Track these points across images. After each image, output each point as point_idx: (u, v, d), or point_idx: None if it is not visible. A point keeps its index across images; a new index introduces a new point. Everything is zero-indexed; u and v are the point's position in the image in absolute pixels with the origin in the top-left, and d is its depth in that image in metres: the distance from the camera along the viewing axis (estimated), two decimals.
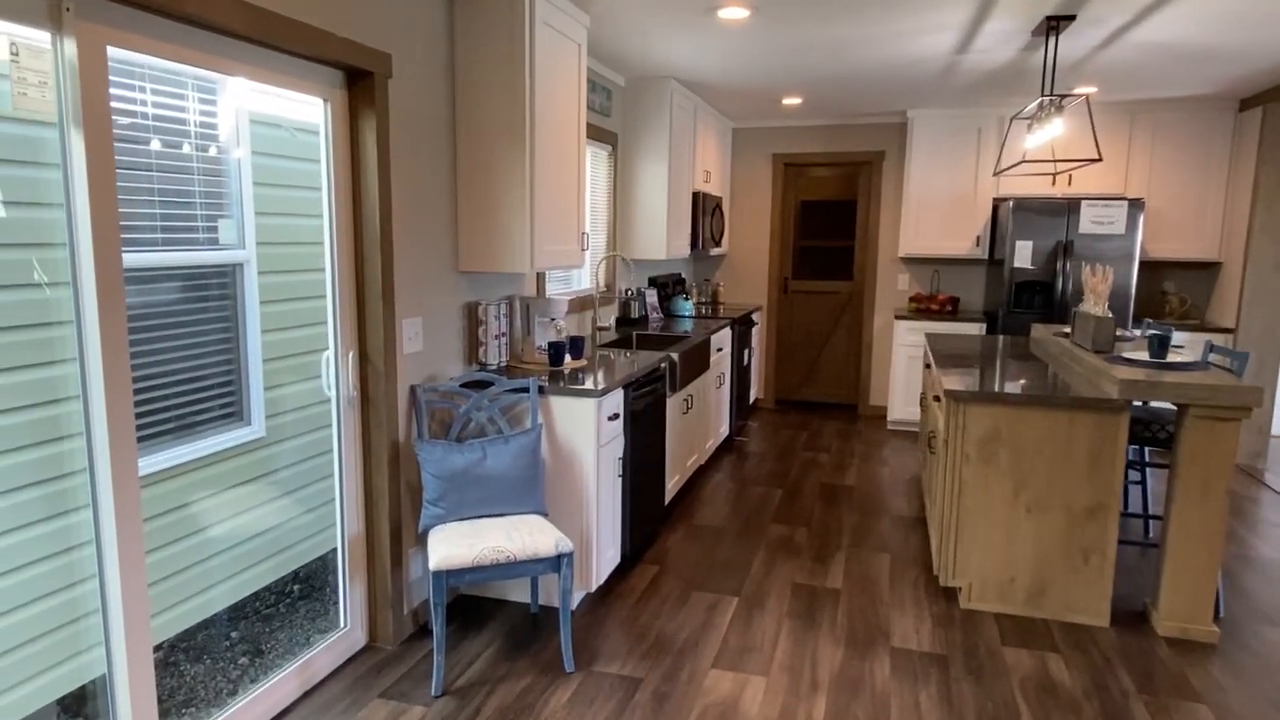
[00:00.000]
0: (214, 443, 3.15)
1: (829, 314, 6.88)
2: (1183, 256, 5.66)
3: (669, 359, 3.90)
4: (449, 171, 3.08)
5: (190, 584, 3.03)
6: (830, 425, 6.36)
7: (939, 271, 6.47)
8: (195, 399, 3.04)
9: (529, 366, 3.44)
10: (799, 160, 6.68)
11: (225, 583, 3.21)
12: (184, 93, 3.03)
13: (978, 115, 5.91)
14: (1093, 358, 3.41)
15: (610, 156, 4.91)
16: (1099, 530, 3.05)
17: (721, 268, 7.00)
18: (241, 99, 3.16)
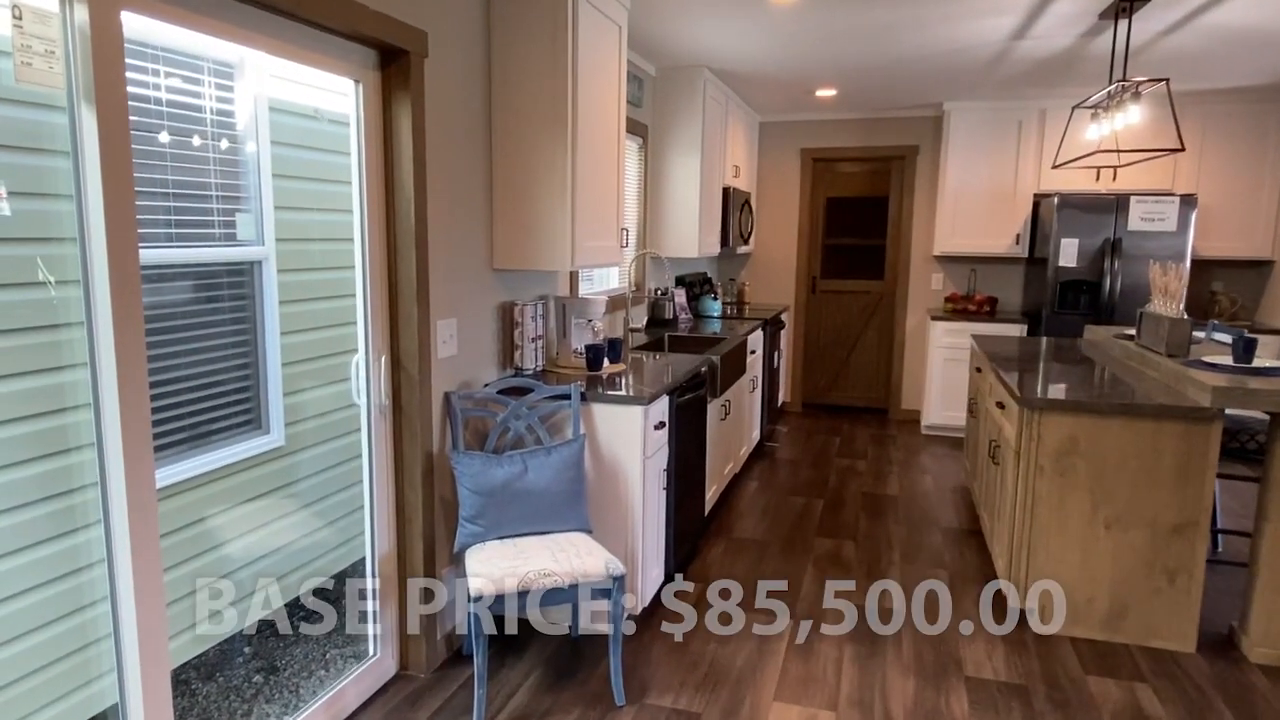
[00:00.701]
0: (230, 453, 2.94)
1: (859, 314, 6.65)
2: (1233, 255, 5.42)
3: (710, 362, 3.68)
4: (484, 162, 2.87)
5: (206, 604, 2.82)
6: (862, 430, 6.13)
7: (975, 270, 6.24)
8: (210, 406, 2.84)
9: (566, 371, 3.22)
10: (829, 155, 6.46)
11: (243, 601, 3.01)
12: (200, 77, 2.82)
13: (1018, 108, 5.68)
14: (1169, 362, 3.18)
15: (641, 149, 4.69)
16: (1186, 549, 2.82)
17: (747, 266, 6.78)
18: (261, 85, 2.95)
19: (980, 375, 4.18)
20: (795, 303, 6.69)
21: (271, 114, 3.02)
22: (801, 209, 6.57)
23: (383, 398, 2.49)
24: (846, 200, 6.61)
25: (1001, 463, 3.27)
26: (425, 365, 2.54)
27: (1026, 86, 5.20)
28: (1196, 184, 5.41)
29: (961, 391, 5.80)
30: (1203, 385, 2.76)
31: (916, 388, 6.50)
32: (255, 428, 3.08)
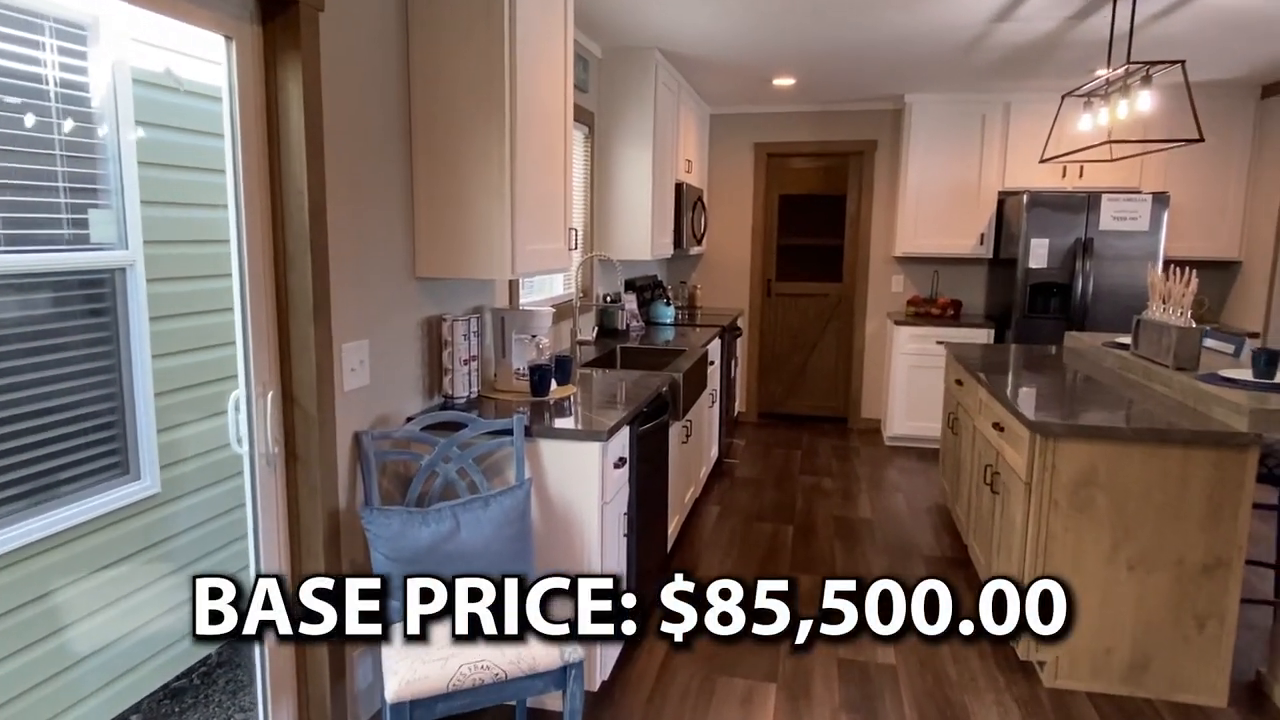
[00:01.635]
0: (88, 506, 2.36)
1: (816, 319, 6.30)
2: (1201, 256, 5.24)
3: (672, 381, 3.23)
4: (403, 147, 2.35)
5: (52, 700, 2.24)
6: (823, 442, 5.77)
7: (938, 272, 5.95)
8: (60, 449, 2.26)
9: (506, 396, 2.73)
10: (783, 150, 6.08)
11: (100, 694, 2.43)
12: (40, 39, 2.24)
13: (982, 101, 5.39)
14: (1182, 378, 2.86)
15: (587, 139, 4.21)
16: (1218, 591, 2.49)
17: (698, 268, 6.36)
18: (121, 52, 2.37)
19: (961, 388, 3.84)
20: (750, 307, 6.30)
21: (137, 88, 2.44)
22: (755, 207, 6.18)
23: (270, 444, 1.96)
24: (802, 198, 6.25)
25: (1004, 493, 2.91)
26: (327, 400, 2.02)
27: (993, 78, 4.91)
28: (1164, 182, 5.21)
29: (928, 401, 5.49)
30: (1236, 407, 2.43)
31: (877, 396, 6.18)
32: (121, 472, 2.50)
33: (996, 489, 3.00)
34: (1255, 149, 5.07)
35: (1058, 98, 5.25)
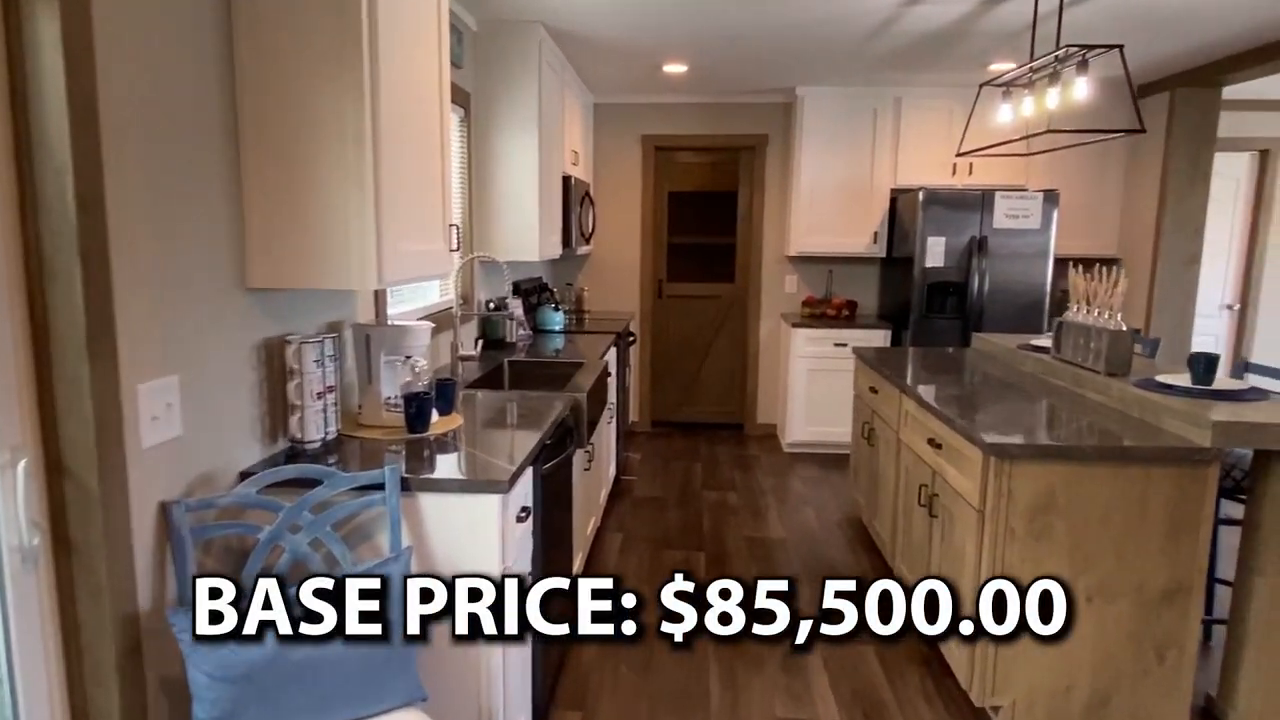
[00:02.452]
0: None
1: (709, 321, 6.00)
2: (1084, 253, 5.31)
3: (575, 403, 2.78)
4: (222, 119, 1.78)
5: None
6: (721, 451, 5.48)
7: (832, 272, 5.78)
8: None
9: (375, 435, 2.19)
10: (672, 143, 5.74)
11: None
12: None
13: (874, 95, 5.24)
14: (1118, 384, 2.70)
15: (463, 124, 3.68)
16: (1177, 619, 2.31)
17: (585, 269, 5.92)
18: None
19: (877, 396, 3.60)
20: (641, 309, 5.92)
21: None
22: (644, 204, 5.81)
23: (25, 533, 1.36)
24: (692, 195, 5.94)
25: (946, 518, 2.64)
26: (113, 463, 1.44)
27: (886, 71, 4.75)
28: (1049, 180, 5.24)
29: (828, 405, 5.30)
30: (1195, 418, 2.25)
31: (773, 400, 5.96)
32: None
33: (935, 512, 2.74)
34: (1132, 148, 5.18)
35: (949, 93, 5.17)
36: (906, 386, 3.08)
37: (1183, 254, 4.86)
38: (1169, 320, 4.93)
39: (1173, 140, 4.75)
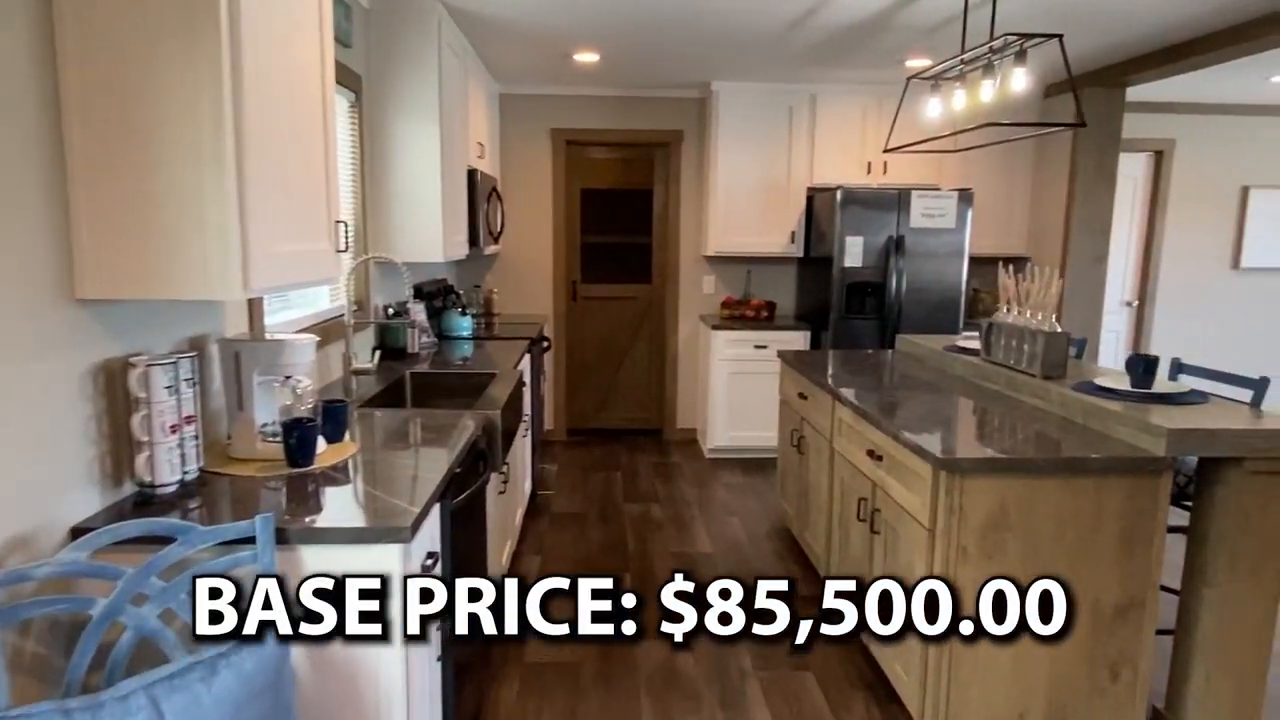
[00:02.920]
0: None
1: (626, 324, 5.77)
2: (995, 252, 5.34)
3: (488, 422, 2.48)
4: (37, 90, 1.41)
5: None
6: (641, 459, 5.25)
7: (750, 272, 5.64)
8: None
9: (247, 472, 1.85)
10: (584, 138, 5.47)
11: None
12: None
13: (790, 92, 5.12)
14: (1057, 388, 2.61)
15: (354, 110, 3.31)
16: (1131, 634, 2.21)
17: (494, 270, 5.58)
18: None
19: (807, 403, 3.44)
20: (554, 312, 5.63)
21: None
22: (556, 201, 5.52)
23: None
24: (606, 192, 5.69)
25: (889, 534, 2.49)
26: None
27: (802, 67, 4.62)
28: (962, 180, 5.25)
29: (749, 409, 5.15)
30: (1149, 426, 2.15)
31: (692, 404, 5.78)
32: None
33: (877, 528, 2.59)
34: (1040, 147, 5.24)
35: (864, 91, 5.11)
36: (840, 394, 2.92)
37: (1090, 252, 4.94)
38: (1078, 318, 5.01)
39: (1080, 140, 4.82)
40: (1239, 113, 5.75)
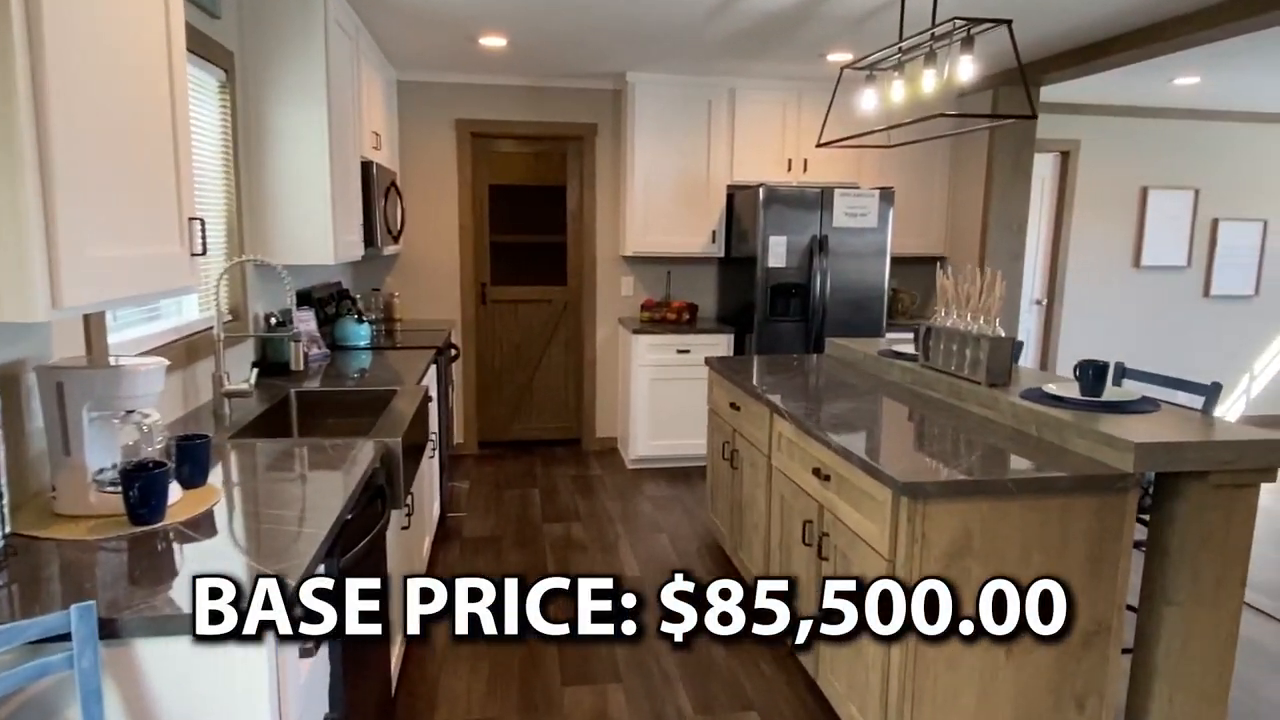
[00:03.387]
0: None
1: (541, 328, 5.44)
2: (915, 251, 5.30)
3: (388, 453, 2.14)
4: None
5: None
6: (560, 472, 4.95)
7: (670, 273, 5.41)
8: None
9: (77, 533, 1.46)
10: (492, 130, 5.12)
11: None
12: None
13: (708, 85, 4.92)
14: (1005, 397, 2.47)
15: (224, 90, 2.88)
16: (1097, 662, 2.07)
17: (395, 272, 5.15)
18: None
19: (740, 414, 3.23)
20: (462, 317, 5.25)
21: None
22: (462, 197, 5.14)
23: None
24: (516, 189, 5.35)
25: (841, 562, 2.28)
26: None
27: (721, 58, 4.42)
28: (880, 178, 5.17)
29: (673, 416, 4.92)
30: (1114, 441, 2.01)
31: (612, 412, 5.51)
32: None
33: (826, 554, 2.38)
34: (955, 146, 5.21)
35: (784, 86, 4.95)
36: (780, 407, 2.71)
37: (1008, 251, 4.93)
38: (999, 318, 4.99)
39: (996, 139, 4.80)
40: (1139, 115, 5.90)
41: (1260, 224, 6.18)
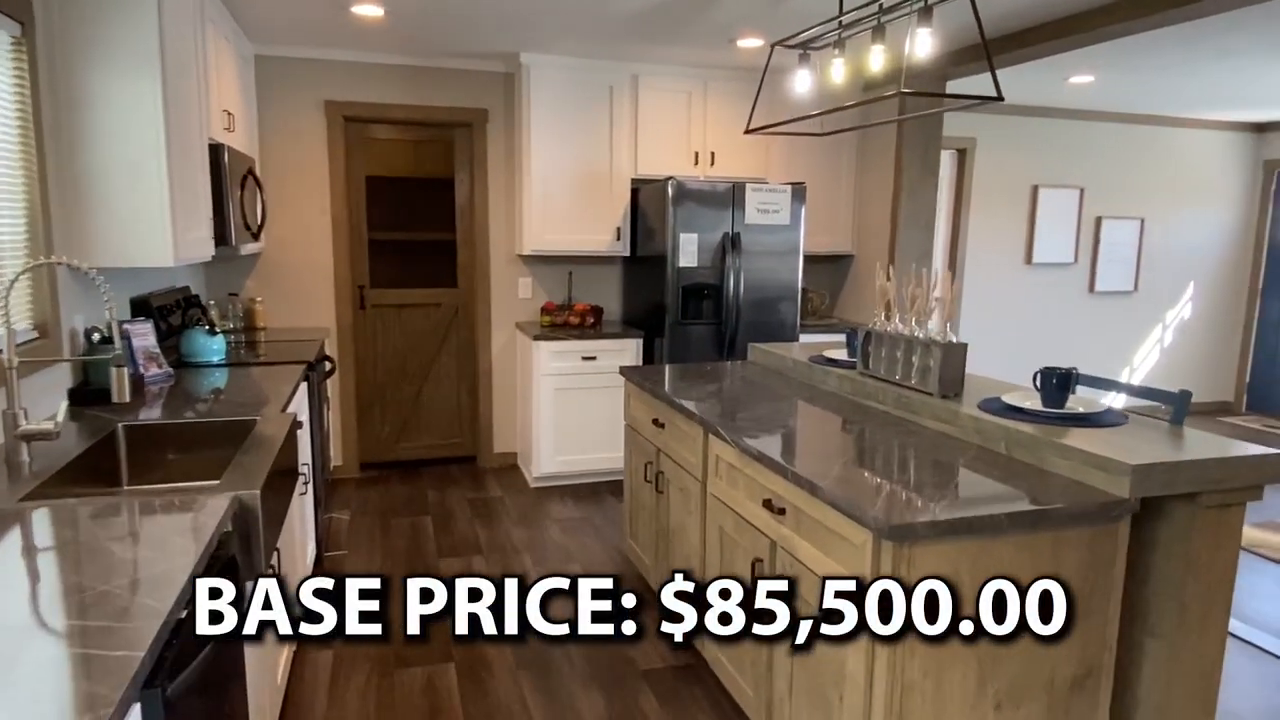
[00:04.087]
0: None
1: (429, 335, 4.93)
2: (823, 250, 5.13)
3: (240, 509, 1.66)
4: None
5: None
6: (455, 496, 4.47)
7: (572, 273, 5.02)
8: None
9: None
10: (367, 114, 4.57)
11: None
12: None
13: (610, 70, 4.56)
14: (963, 410, 2.24)
15: (19, 48, 2.28)
16: (1087, 711, 1.86)
17: (256, 274, 4.52)
18: None
19: (667, 433, 2.89)
20: (338, 324, 4.68)
21: None
22: (335, 189, 4.57)
23: None
24: (398, 181, 4.82)
25: (802, 606, 1.97)
26: None
27: (623, 40, 4.08)
28: (786, 174, 4.96)
29: (580, 429, 4.53)
30: (1106, 462, 1.79)
31: (511, 425, 5.06)
32: None
33: (795, 603, 2.06)
34: (862, 141, 5.07)
35: (689, 74, 4.66)
36: (718, 428, 2.38)
37: (917, 250, 4.83)
38: None
39: (906, 133, 4.68)
40: (1031, 114, 5.98)
41: (1138, 222, 6.42)
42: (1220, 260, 6.73)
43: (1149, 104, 5.82)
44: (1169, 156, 6.41)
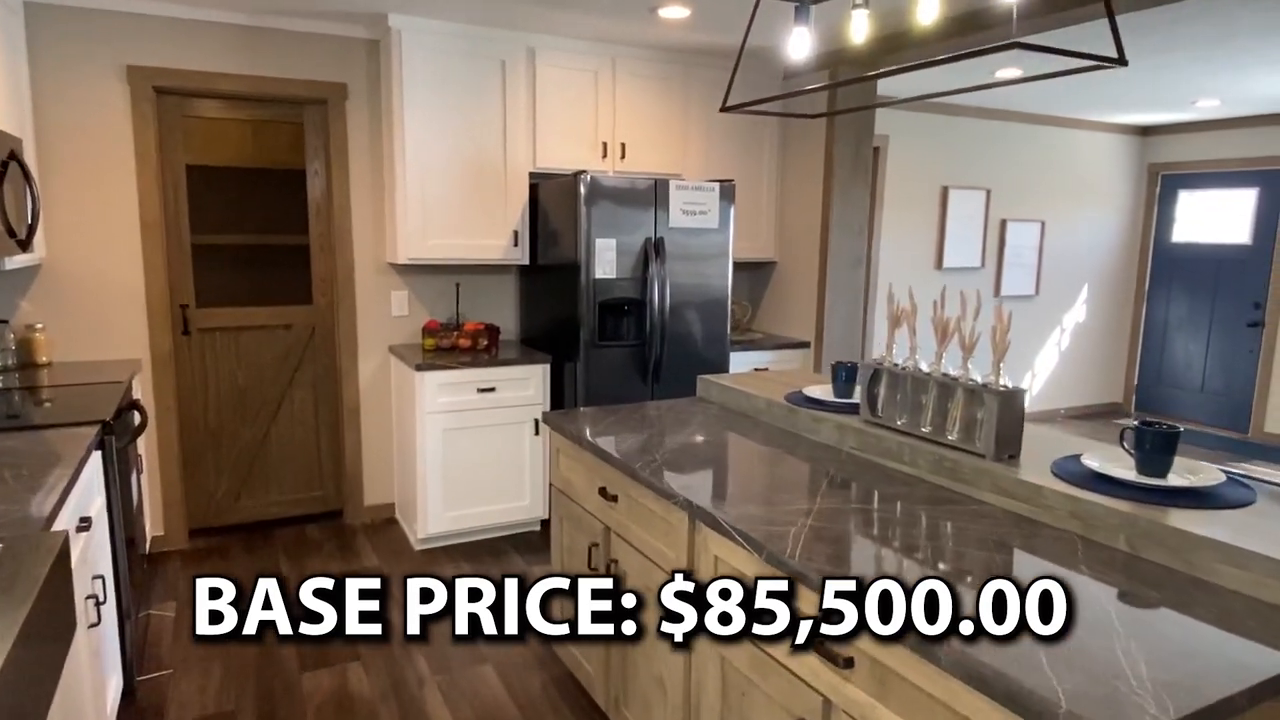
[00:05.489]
0: None
1: (276, 365, 3.96)
2: (746, 256, 4.57)
3: None
4: None
5: None
6: (316, 567, 3.54)
7: (460, 285, 4.19)
8: None
9: None
10: (185, 85, 3.55)
11: None
12: None
13: (500, 40, 3.78)
14: (1056, 486, 1.68)
15: None
16: None
17: (33, 294, 3.41)
18: None
19: (621, 509, 2.18)
20: (153, 355, 3.63)
21: None
22: (144, 182, 3.52)
23: None
24: (230, 171, 3.83)
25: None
26: None
27: (521, 1, 3.33)
28: (704, 170, 4.37)
29: (477, 477, 3.73)
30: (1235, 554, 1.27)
31: (385, 471, 4.17)
32: None
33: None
34: (784, 135, 4.55)
35: (594, 50, 3.96)
36: (720, 521, 1.70)
37: (849, 255, 4.36)
38: (838, 327, 4.42)
39: (836, 127, 4.18)
40: (939, 112, 5.70)
41: (1039, 224, 6.31)
42: (1111, 263, 6.77)
43: (1050, 105, 5.67)
44: (1068, 158, 6.35)
